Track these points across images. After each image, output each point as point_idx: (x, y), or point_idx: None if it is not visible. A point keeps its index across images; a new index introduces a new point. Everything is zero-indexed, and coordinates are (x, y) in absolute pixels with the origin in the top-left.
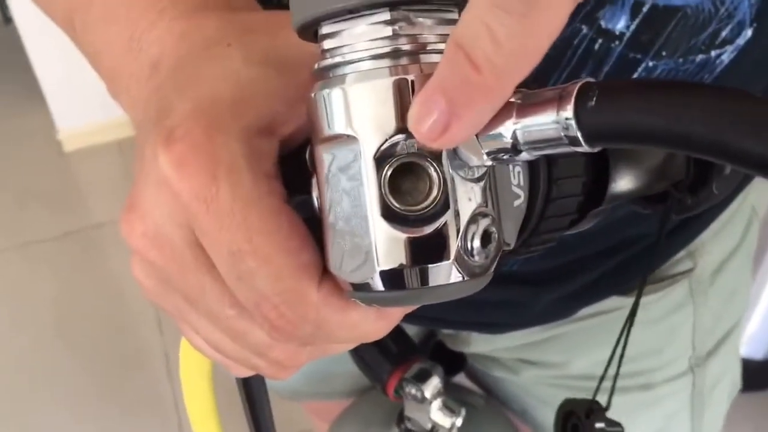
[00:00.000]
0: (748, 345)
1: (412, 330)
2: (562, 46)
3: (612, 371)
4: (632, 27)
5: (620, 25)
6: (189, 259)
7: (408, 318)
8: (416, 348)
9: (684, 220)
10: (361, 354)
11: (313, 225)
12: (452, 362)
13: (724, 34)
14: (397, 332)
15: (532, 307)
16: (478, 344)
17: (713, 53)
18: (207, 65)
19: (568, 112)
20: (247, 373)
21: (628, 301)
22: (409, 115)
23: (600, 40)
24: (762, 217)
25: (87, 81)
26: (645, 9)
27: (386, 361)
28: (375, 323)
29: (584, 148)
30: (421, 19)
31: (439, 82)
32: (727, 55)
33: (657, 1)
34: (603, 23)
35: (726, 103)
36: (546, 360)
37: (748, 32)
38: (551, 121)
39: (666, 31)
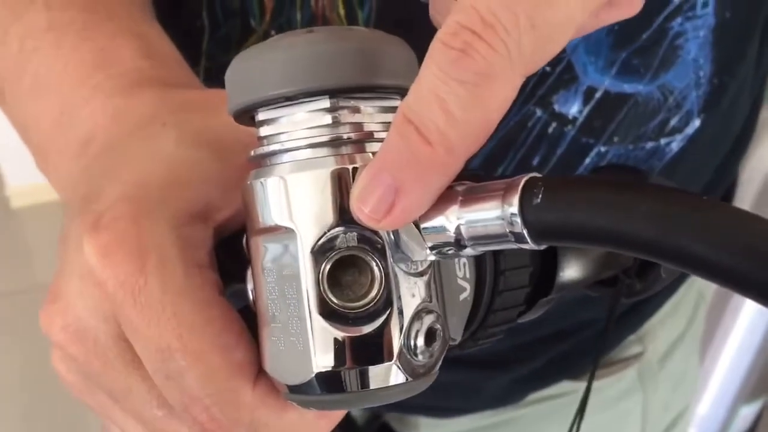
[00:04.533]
0: (700, 427)
1: (357, 412)
2: (516, 128)
3: None
4: (585, 112)
5: (573, 109)
6: (114, 354)
7: None
8: (360, 429)
9: (633, 305)
10: None
11: (250, 315)
12: None
13: (672, 122)
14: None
15: (482, 390)
16: (426, 428)
17: (663, 141)
18: (139, 146)
19: (514, 207)
20: None
21: (579, 386)
22: (352, 194)
23: (554, 124)
24: (708, 301)
25: None
26: (597, 95)
27: None
28: (315, 424)
29: (530, 245)
30: (362, 107)
31: (384, 158)
32: (676, 143)
33: (609, 88)
34: (557, 107)
35: (670, 205)
36: None
37: (696, 122)
38: (496, 217)
39: (617, 117)
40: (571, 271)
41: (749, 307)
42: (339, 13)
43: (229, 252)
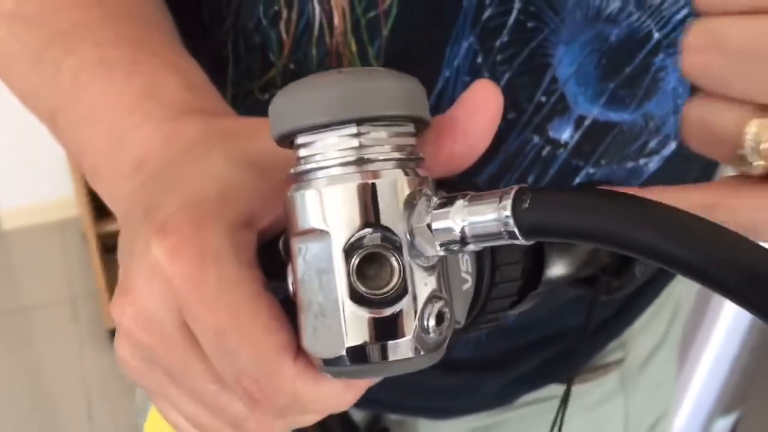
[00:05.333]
0: None
1: (359, 416)
2: (515, 152)
3: None
4: (576, 138)
5: (565, 135)
6: (176, 338)
7: (360, 403)
8: None
9: (615, 313)
10: None
11: (287, 306)
12: None
13: (651, 145)
14: (345, 419)
15: (477, 392)
16: (425, 430)
17: (641, 161)
18: (191, 167)
19: (507, 211)
20: None
21: (560, 390)
22: None
23: (548, 148)
24: (686, 313)
25: (30, 160)
26: (587, 123)
27: None
28: (343, 395)
29: (521, 241)
30: (382, 133)
31: None
32: (653, 163)
33: (597, 117)
34: (551, 133)
35: (627, 205)
36: None
37: (673, 144)
38: (493, 219)
39: (605, 142)
40: (556, 268)
41: (724, 322)
42: (351, 49)
43: (268, 255)
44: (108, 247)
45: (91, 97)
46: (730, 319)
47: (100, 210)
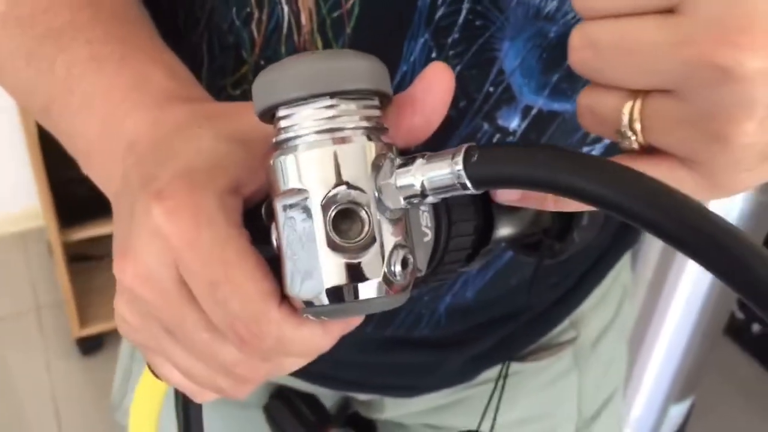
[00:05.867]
0: (634, 428)
1: (328, 401)
2: (468, 138)
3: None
4: (523, 126)
5: (513, 123)
6: (174, 292)
7: (330, 384)
8: (331, 417)
9: (564, 294)
10: (280, 422)
11: (270, 265)
12: (365, 430)
13: (592, 135)
14: (314, 402)
15: (440, 369)
16: (391, 409)
17: (585, 149)
18: (182, 144)
19: (459, 165)
20: (210, 397)
21: (522, 367)
22: None
23: (498, 135)
24: (637, 304)
25: None
26: (533, 112)
27: (303, 427)
28: (321, 338)
29: (472, 190)
30: (351, 105)
31: None
32: (596, 151)
33: (542, 107)
34: (500, 121)
35: (556, 156)
36: (451, 425)
37: None
38: (448, 173)
39: (549, 130)
40: (504, 229)
41: (673, 315)
42: (317, 46)
43: (250, 221)
44: (74, 256)
45: (84, 89)
46: (679, 311)
47: (65, 219)
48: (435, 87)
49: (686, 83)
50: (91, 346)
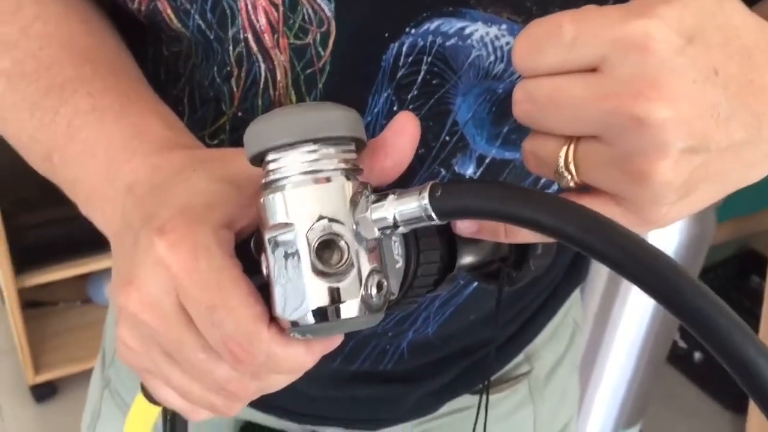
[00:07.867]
0: None
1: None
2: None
3: None
4: (478, 173)
5: (469, 170)
6: (174, 316)
7: (296, 417)
8: None
9: (519, 329)
10: None
11: (261, 289)
12: None
13: (543, 180)
14: None
15: (403, 403)
16: None
17: None
18: (180, 185)
19: (426, 200)
20: (204, 415)
21: (477, 400)
22: None
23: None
24: (586, 337)
25: None
26: (487, 160)
27: None
28: (305, 356)
29: (437, 221)
30: (331, 150)
31: None
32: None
33: (495, 156)
34: (456, 168)
35: (509, 192)
36: None
37: None
38: (416, 206)
39: (502, 176)
40: (467, 257)
41: (620, 347)
42: (291, 99)
43: (240, 253)
44: (28, 302)
45: (86, 137)
46: (625, 341)
47: (18, 265)
48: (403, 132)
49: (609, 131)
50: (45, 392)
